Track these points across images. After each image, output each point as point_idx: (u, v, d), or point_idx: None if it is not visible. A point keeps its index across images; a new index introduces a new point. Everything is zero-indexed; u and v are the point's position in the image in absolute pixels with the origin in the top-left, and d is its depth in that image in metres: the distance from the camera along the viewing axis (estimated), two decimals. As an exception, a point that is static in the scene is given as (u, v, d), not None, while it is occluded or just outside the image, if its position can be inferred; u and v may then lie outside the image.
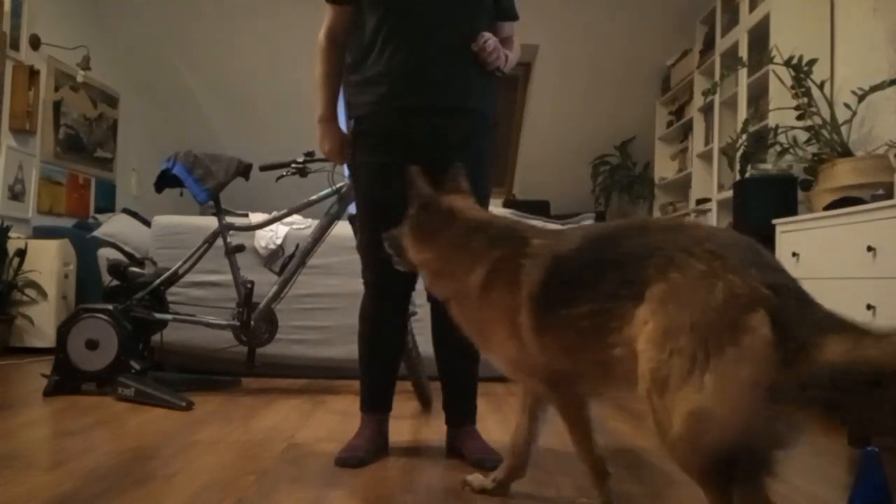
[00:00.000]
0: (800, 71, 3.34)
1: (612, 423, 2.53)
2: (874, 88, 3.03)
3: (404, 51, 1.84)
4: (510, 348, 1.44)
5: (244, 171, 3.03)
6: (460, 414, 2.02)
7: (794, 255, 3.07)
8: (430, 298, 1.98)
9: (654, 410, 1.15)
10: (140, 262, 3.15)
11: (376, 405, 2.03)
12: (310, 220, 3.55)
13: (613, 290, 1.25)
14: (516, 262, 1.42)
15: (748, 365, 1.05)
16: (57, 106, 4.88)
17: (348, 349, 3.32)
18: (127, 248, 3.83)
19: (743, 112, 4.10)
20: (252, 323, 2.95)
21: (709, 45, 4.89)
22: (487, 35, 1.84)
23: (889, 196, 2.70)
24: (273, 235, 3.41)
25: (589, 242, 1.36)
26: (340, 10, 1.95)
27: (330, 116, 1.98)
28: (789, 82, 3.42)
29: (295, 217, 3.32)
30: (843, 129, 3.23)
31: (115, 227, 4.35)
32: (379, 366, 2.00)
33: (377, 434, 1.99)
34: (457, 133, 1.89)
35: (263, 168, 2.99)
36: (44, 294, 4.13)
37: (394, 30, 1.85)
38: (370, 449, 1.92)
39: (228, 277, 3.06)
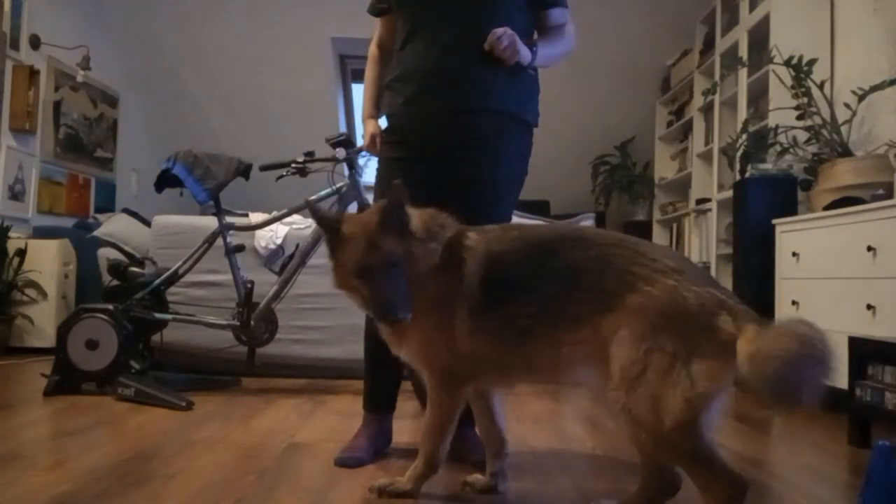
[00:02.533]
0: (800, 71, 3.33)
1: (612, 422, 2.53)
2: (874, 88, 3.03)
3: (423, 53, 1.86)
4: (433, 338, 1.48)
5: (244, 171, 3.03)
6: (464, 416, 2.02)
7: (794, 255, 3.07)
8: None
9: (630, 403, 1.27)
10: (140, 262, 3.15)
11: (379, 404, 2.02)
12: (310, 220, 3.55)
13: (563, 296, 1.38)
14: (455, 257, 1.46)
15: (723, 356, 1.23)
16: (57, 106, 4.88)
17: (348, 349, 3.33)
18: (127, 248, 3.84)
19: (743, 112, 4.10)
20: (252, 323, 2.95)
21: (709, 45, 4.89)
22: (501, 31, 1.79)
23: (889, 196, 2.70)
24: (273, 235, 3.41)
25: (527, 247, 1.46)
26: (385, 21, 2.05)
27: (367, 114, 2.06)
28: (789, 82, 3.42)
29: (295, 217, 3.33)
30: (843, 129, 3.23)
31: (115, 227, 4.35)
32: (383, 365, 1.97)
33: (378, 433, 1.99)
34: (475, 134, 1.86)
35: (263, 168, 2.99)
36: (44, 294, 4.13)
37: (415, 33, 1.88)
38: (370, 449, 1.92)
39: (228, 277, 3.06)
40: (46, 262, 4.14)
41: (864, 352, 2.29)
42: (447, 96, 1.86)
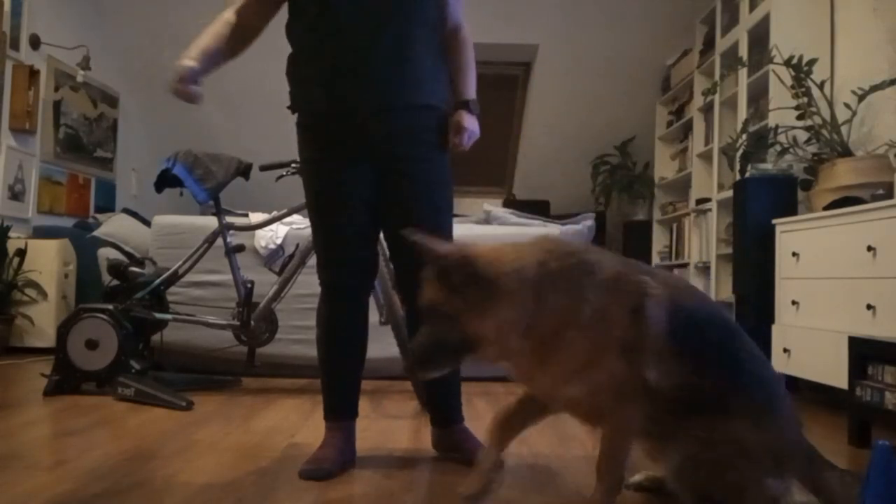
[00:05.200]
0: (800, 71, 3.33)
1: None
2: (874, 88, 3.03)
3: (342, 47, 1.76)
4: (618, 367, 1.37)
5: (244, 171, 3.03)
6: (449, 413, 2.00)
7: (794, 255, 3.07)
8: (402, 296, 1.97)
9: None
10: (140, 262, 3.15)
11: (341, 413, 1.93)
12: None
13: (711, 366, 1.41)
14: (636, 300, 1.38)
15: None
16: (57, 106, 4.88)
17: (348, 349, 3.33)
18: (127, 248, 3.83)
19: (743, 112, 4.10)
20: (252, 323, 2.95)
21: (709, 45, 4.89)
22: (466, 138, 1.83)
23: (889, 196, 2.70)
24: (273, 235, 3.41)
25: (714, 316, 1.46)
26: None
27: (191, 57, 1.76)
28: (789, 82, 3.42)
29: (295, 217, 3.32)
30: (843, 129, 3.23)
31: (115, 227, 4.35)
32: (341, 371, 1.92)
33: (344, 444, 1.88)
34: (407, 129, 1.81)
35: (263, 168, 2.99)
36: (44, 294, 4.13)
37: (331, 25, 1.77)
38: (337, 460, 1.81)
39: (228, 277, 3.06)
40: (46, 262, 4.15)
41: (864, 352, 2.29)
42: (372, 91, 1.77)
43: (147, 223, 4.04)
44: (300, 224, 3.50)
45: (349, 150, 1.82)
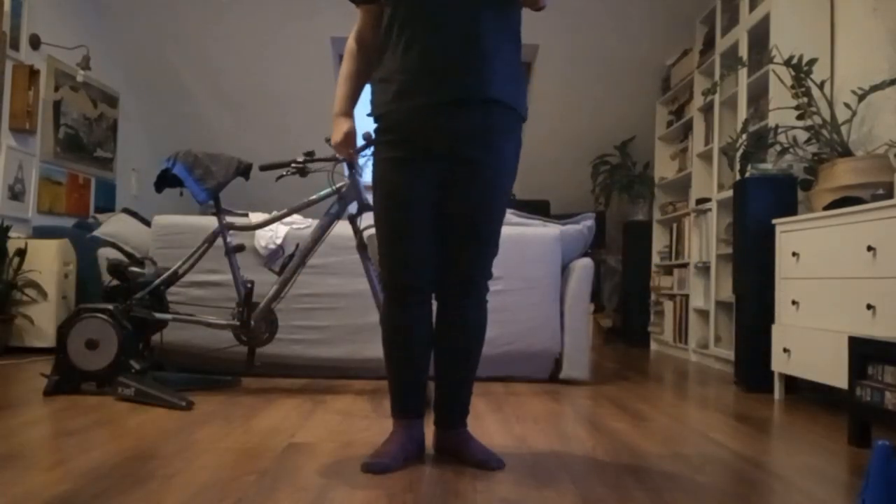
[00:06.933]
0: (800, 71, 3.34)
1: (612, 422, 2.53)
2: (874, 88, 3.03)
3: (413, 46, 1.79)
4: None
5: (244, 170, 3.04)
6: (455, 415, 2.00)
7: (794, 255, 3.07)
8: (437, 297, 1.98)
9: None
10: (140, 262, 3.15)
11: (405, 410, 1.95)
12: (310, 220, 3.55)
13: None
14: None
15: None
16: (57, 106, 4.88)
17: (348, 349, 3.34)
18: (127, 248, 3.83)
19: (743, 112, 4.10)
20: (252, 323, 2.96)
21: (709, 44, 4.89)
22: None
23: (889, 196, 2.70)
24: (273, 235, 3.41)
25: None
26: (366, 11, 1.95)
27: (341, 111, 1.97)
28: (789, 82, 3.42)
29: (295, 217, 3.33)
30: (843, 128, 3.23)
31: (115, 227, 4.35)
32: (407, 372, 1.94)
33: (408, 440, 1.92)
34: (475, 126, 1.82)
35: (263, 168, 2.99)
36: (44, 294, 4.13)
37: (403, 25, 1.81)
38: (398, 455, 1.85)
39: (228, 277, 3.06)
40: (46, 262, 4.15)
41: (864, 352, 2.29)
42: (443, 88, 1.79)
43: (147, 223, 4.04)
44: (300, 224, 3.50)
45: (420, 149, 1.83)
